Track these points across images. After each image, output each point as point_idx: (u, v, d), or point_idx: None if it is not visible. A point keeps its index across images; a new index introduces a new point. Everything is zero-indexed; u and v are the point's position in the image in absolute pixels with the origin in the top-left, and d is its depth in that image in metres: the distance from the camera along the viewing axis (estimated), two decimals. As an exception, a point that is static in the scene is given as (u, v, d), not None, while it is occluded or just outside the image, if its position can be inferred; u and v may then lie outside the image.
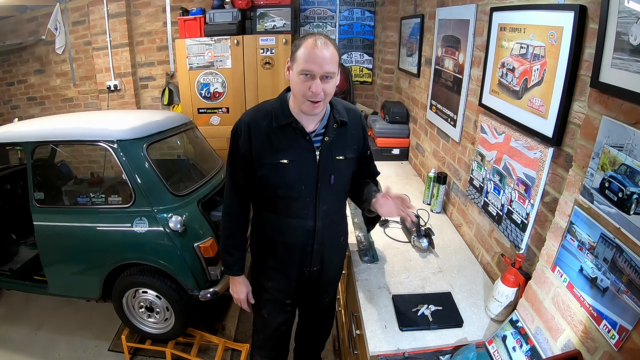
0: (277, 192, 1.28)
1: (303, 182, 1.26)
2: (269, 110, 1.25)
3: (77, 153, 3.21)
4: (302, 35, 1.18)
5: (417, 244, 1.65)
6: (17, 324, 2.52)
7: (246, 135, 1.24)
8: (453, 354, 1.12)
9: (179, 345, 2.25)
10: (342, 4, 3.48)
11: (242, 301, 1.50)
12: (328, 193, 1.30)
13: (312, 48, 1.10)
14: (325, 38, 1.13)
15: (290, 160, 1.23)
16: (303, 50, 1.11)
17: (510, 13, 1.35)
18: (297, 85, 1.15)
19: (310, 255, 1.38)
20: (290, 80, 1.19)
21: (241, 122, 1.27)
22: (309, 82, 1.13)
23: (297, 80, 1.14)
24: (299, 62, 1.12)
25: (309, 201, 1.29)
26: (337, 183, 1.31)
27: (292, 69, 1.17)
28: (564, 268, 0.96)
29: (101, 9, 3.39)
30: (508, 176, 1.36)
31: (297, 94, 1.17)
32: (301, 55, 1.12)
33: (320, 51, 1.10)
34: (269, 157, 1.24)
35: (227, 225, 1.40)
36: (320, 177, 1.27)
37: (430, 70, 2.25)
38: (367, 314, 1.30)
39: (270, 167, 1.24)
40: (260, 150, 1.24)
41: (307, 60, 1.11)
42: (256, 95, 3.19)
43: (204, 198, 2.19)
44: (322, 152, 1.26)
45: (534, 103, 1.20)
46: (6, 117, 4.01)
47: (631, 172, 0.78)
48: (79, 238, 2.06)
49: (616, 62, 0.82)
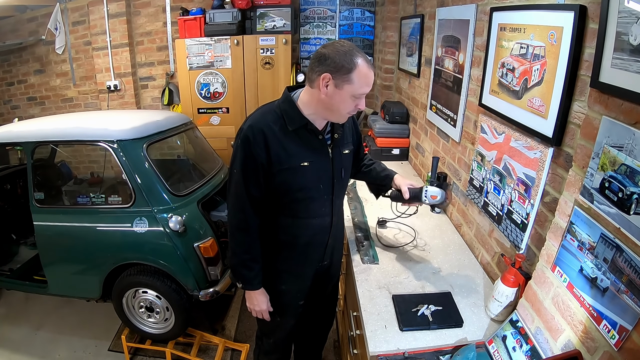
0: (296, 195, 1.27)
1: (321, 182, 1.29)
2: (278, 114, 1.22)
3: (77, 153, 3.22)
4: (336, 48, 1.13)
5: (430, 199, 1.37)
6: (17, 324, 2.52)
7: (261, 142, 1.19)
8: (453, 354, 1.12)
9: (179, 345, 2.25)
10: (342, 4, 3.47)
11: (265, 312, 1.44)
12: (340, 187, 1.37)
13: (368, 72, 1.13)
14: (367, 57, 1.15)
15: (310, 162, 1.24)
16: (361, 74, 1.11)
17: (510, 13, 1.35)
18: (344, 103, 1.16)
19: (324, 251, 1.43)
20: (331, 96, 1.15)
21: (252, 129, 1.19)
22: (357, 101, 1.17)
23: (347, 99, 1.15)
24: (356, 86, 1.12)
25: (326, 199, 1.32)
26: (346, 176, 1.38)
27: (340, 87, 1.13)
28: (564, 268, 0.96)
29: (101, 9, 3.39)
30: (508, 176, 1.36)
31: (340, 110, 1.18)
32: (359, 79, 1.12)
33: (373, 72, 1.15)
34: (289, 161, 1.21)
35: (242, 240, 1.32)
36: (334, 173, 1.31)
37: (430, 70, 2.25)
38: (367, 314, 1.30)
39: (291, 172, 1.23)
40: (279, 155, 1.20)
41: (366, 84, 1.14)
42: (256, 95, 3.19)
43: (204, 198, 2.19)
44: (333, 149, 1.30)
45: (534, 103, 1.20)
46: (6, 117, 4.01)
47: (631, 172, 0.78)
48: (79, 238, 2.06)
49: (616, 62, 0.82)
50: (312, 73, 1.16)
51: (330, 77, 1.12)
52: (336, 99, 1.15)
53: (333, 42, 1.16)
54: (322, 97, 1.16)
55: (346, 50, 1.11)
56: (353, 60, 1.10)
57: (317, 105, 1.20)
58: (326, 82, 1.14)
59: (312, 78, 1.17)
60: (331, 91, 1.14)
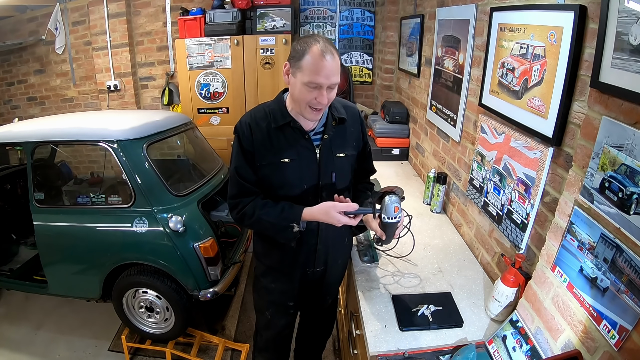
0: (278, 192, 1.27)
1: (304, 181, 1.26)
2: (267, 112, 1.24)
3: (77, 153, 3.22)
4: (302, 37, 1.14)
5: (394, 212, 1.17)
6: (17, 323, 2.52)
7: (249, 134, 1.23)
8: (453, 354, 1.12)
9: (179, 345, 2.25)
10: (342, 4, 3.48)
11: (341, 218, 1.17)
12: (330, 191, 1.28)
13: (319, 59, 1.06)
14: (329, 45, 1.09)
15: (291, 159, 1.23)
16: (310, 61, 1.07)
17: (510, 13, 1.35)
18: (302, 94, 1.12)
19: (314, 255, 1.38)
20: (291, 86, 1.16)
21: (242, 123, 1.25)
22: (314, 92, 1.11)
23: (302, 89, 1.11)
24: (304, 73, 1.08)
25: (310, 200, 1.27)
26: (339, 181, 1.30)
27: (295, 75, 1.12)
28: (564, 268, 0.96)
29: (101, 9, 3.39)
30: (508, 176, 1.36)
31: (300, 101, 1.14)
32: (307, 66, 1.07)
33: (329, 63, 1.07)
34: (270, 157, 1.23)
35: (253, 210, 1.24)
36: (321, 175, 1.27)
37: (430, 70, 2.25)
38: (367, 314, 1.30)
39: (272, 167, 1.24)
40: (261, 150, 1.23)
41: (315, 72, 1.07)
42: (256, 95, 3.19)
43: (204, 198, 2.19)
44: (322, 150, 1.26)
45: (534, 103, 1.20)
46: (6, 117, 4.01)
47: (631, 172, 0.78)
48: (79, 238, 2.06)
49: (616, 62, 0.82)
50: None
51: (289, 65, 1.13)
52: (293, 88, 1.16)
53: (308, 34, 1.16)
54: (289, 88, 1.19)
55: (308, 40, 1.09)
56: (307, 48, 1.07)
57: (290, 97, 1.22)
58: (286, 70, 1.15)
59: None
60: (290, 80, 1.15)
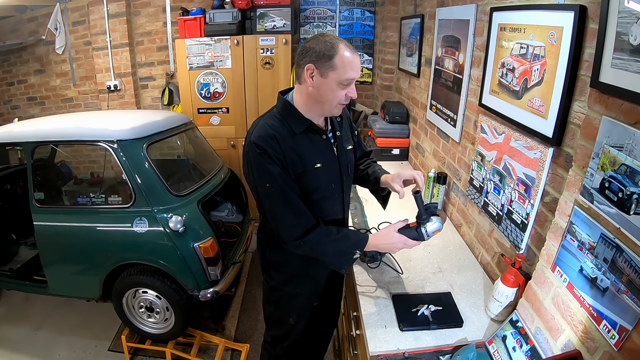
0: (311, 197, 1.25)
1: (333, 181, 1.30)
2: (281, 119, 1.20)
3: (77, 153, 3.21)
4: (312, 38, 1.13)
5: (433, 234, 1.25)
6: (17, 324, 2.52)
7: (277, 147, 1.16)
8: (453, 354, 1.12)
9: (179, 345, 2.25)
10: (342, 4, 3.47)
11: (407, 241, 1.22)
12: (348, 184, 1.38)
13: (351, 55, 1.10)
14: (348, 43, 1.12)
15: (322, 163, 1.24)
16: (343, 59, 1.09)
17: (510, 13, 1.35)
18: (333, 92, 1.13)
19: None
20: (317, 87, 1.14)
21: (262, 138, 1.15)
22: (347, 88, 1.14)
23: (335, 87, 1.13)
24: (339, 71, 1.10)
25: (337, 197, 1.33)
26: (352, 171, 1.39)
27: (325, 76, 1.11)
28: (564, 268, 0.96)
29: (101, 9, 3.39)
30: (508, 176, 1.36)
31: (332, 100, 1.15)
32: (342, 64, 1.09)
33: (357, 57, 1.12)
34: (303, 165, 1.20)
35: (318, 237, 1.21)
36: (342, 171, 1.32)
37: (430, 70, 2.25)
38: (367, 314, 1.30)
39: (308, 175, 1.22)
40: (293, 160, 1.18)
41: (351, 68, 1.10)
42: (256, 95, 3.19)
43: (204, 198, 2.19)
44: (338, 147, 1.30)
45: (534, 103, 1.20)
46: (6, 117, 4.01)
47: (631, 172, 0.78)
48: (79, 238, 2.06)
49: (616, 62, 0.82)
50: (298, 68, 1.16)
51: (314, 67, 1.12)
52: (324, 89, 1.14)
53: (315, 35, 1.16)
54: (310, 90, 1.16)
55: (327, 40, 1.11)
56: (334, 47, 1.10)
57: (308, 100, 1.19)
58: (311, 73, 1.13)
59: (299, 73, 1.17)
60: (317, 82, 1.14)
